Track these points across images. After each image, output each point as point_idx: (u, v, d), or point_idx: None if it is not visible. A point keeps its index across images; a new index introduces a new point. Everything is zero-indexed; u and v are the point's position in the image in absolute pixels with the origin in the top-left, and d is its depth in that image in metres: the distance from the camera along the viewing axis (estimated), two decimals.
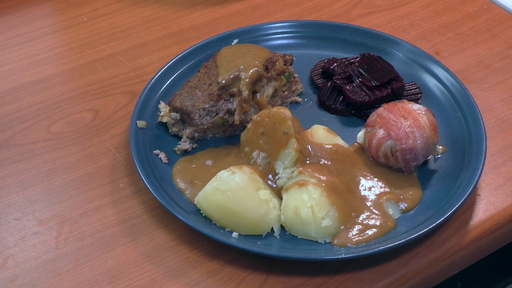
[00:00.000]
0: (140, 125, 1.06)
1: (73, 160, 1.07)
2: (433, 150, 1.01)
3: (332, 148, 1.02)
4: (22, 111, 1.16)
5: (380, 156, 1.02)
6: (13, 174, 1.05)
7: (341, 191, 0.96)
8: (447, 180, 1.01)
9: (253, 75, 1.07)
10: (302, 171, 0.97)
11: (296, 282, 0.90)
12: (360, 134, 1.06)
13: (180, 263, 0.93)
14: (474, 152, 1.02)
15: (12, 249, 0.95)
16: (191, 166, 1.03)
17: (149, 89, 1.12)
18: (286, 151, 0.99)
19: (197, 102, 1.04)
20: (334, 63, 1.18)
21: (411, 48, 1.21)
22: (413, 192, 1.00)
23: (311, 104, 1.17)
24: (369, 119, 1.05)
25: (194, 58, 1.20)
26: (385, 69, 1.14)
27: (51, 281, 0.91)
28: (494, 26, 1.33)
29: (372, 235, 0.94)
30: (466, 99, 1.10)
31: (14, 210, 1.00)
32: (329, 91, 1.15)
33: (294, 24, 1.27)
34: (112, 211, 0.99)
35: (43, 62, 1.27)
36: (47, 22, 1.37)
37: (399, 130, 0.99)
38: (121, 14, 1.37)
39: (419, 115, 1.01)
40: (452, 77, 1.14)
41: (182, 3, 1.40)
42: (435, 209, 0.96)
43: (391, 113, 1.02)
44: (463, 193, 0.96)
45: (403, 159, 1.00)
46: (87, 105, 1.17)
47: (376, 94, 1.11)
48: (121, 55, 1.27)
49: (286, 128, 0.99)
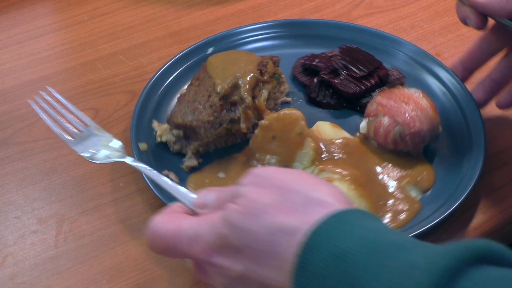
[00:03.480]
0: (142, 148, 1.03)
1: (73, 159, 1.07)
2: (437, 129, 1.04)
3: (342, 142, 1.03)
4: (22, 110, 1.16)
5: (389, 143, 1.03)
6: (13, 172, 1.05)
7: (364, 182, 0.98)
8: (453, 158, 1.04)
9: (252, 80, 1.06)
10: (322, 169, 0.98)
11: None
12: (362, 124, 1.07)
13: (180, 263, 0.92)
14: (474, 137, 1.04)
15: (11, 248, 0.95)
16: (205, 181, 1.01)
17: (139, 111, 1.09)
18: (303, 151, 0.99)
19: (200, 115, 1.02)
20: (316, 58, 1.19)
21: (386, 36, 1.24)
22: (427, 172, 1.02)
23: (301, 102, 1.17)
24: (369, 109, 1.06)
25: (171, 74, 1.18)
26: (367, 58, 1.16)
27: (50, 280, 0.91)
28: None
29: (404, 219, 0.95)
30: (465, 97, 1.11)
31: (13, 209, 1.00)
32: (318, 87, 1.16)
33: (266, 25, 1.26)
34: (112, 210, 0.99)
35: (44, 61, 1.27)
36: (47, 21, 1.37)
37: (404, 115, 1.01)
38: (121, 13, 1.37)
39: (418, 98, 1.04)
40: (452, 76, 1.15)
41: (183, 3, 1.40)
42: (453, 187, 0.98)
43: (391, 100, 1.04)
44: (475, 167, 0.99)
45: (413, 142, 1.02)
46: (87, 104, 1.17)
47: (366, 84, 1.13)
48: (122, 54, 1.27)
49: (299, 128, 0.99)
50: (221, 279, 0.71)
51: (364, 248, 0.59)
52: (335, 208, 0.64)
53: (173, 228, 0.73)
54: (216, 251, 0.69)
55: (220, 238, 0.68)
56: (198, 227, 0.71)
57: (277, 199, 0.66)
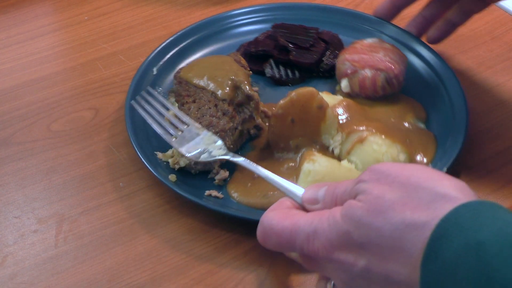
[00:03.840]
0: (172, 179, 0.99)
1: (73, 159, 1.07)
2: (407, 63, 1.14)
3: (344, 105, 1.07)
4: (22, 109, 1.16)
5: (378, 91, 1.11)
6: (13, 172, 1.05)
7: (387, 130, 1.03)
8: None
9: (245, 76, 1.08)
10: (349, 132, 1.02)
11: (296, 282, 0.90)
12: (344, 84, 1.13)
13: (179, 263, 0.93)
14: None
15: (11, 247, 0.95)
16: (247, 186, 1.01)
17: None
18: (327, 123, 1.02)
19: (219, 126, 1.01)
20: (257, 45, 1.22)
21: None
22: (415, 104, 1.12)
23: (268, 86, 1.20)
24: (342, 69, 1.13)
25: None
26: (301, 28, 1.23)
27: (50, 280, 0.91)
28: (495, 28, 1.33)
29: (431, 150, 1.03)
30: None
31: (13, 208, 1.00)
32: (276, 69, 1.20)
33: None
34: (111, 210, 0.99)
35: (44, 61, 1.27)
36: (47, 21, 1.37)
37: (383, 62, 1.10)
38: (122, 13, 1.38)
39: (381, 44, 1.14)
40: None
41: (183, 3, 1.40)
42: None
43: (362, 54, 1.12)
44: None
45: (398, 82, 1.11)
46: (87, 103, 1.17)
47: (318, 50, 1.20)
48: (122, 54, 1.27)
49: (318, 102, 1.01)
50: (340, 275, 0.70)
51: (502, 239, 0.58)
52: (462, 201, 0.64)
53: (290, 225, 0.73)
54: (338, 248, 0.69)
55: (342, 235, 0.68)
56: (317, 224, 0.71)
57: (402, 195, 0.66)
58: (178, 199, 1.00)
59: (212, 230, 0.96)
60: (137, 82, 1.13)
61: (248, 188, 1.01)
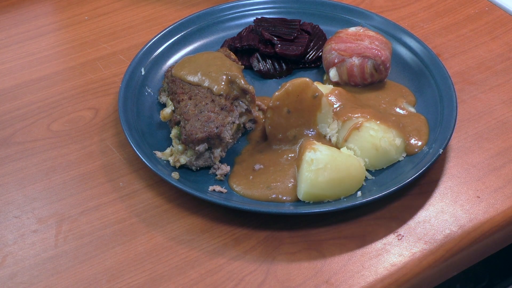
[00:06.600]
0: (175, 177, 1.00)
1: (73, 159, 1.07)
2: (391, 49, 1.17)
3: (336, 93, 1.10)
4: (23, 109, 1.16)
5: (366, 78, 1.14)
6: (13, 172, 1.05)
7: (380, 116, 1.05)
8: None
9: (239, 70, 1.08)
10: (345, 120, 1.04)
11: (295, 282, 0.90)
12: (332, 73, 1.16)
13: (179, 263, 0.93)
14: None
15: (11, 247, 0.95)
16: (249, 179, 1.02)
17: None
18: (323, 111, 1.04)
19: (218, 120, 1.01)
20: (242, 40, 1.23)
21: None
22: (403, 89, 1.16)
23: (256, 80, 1.21)
24: (329, 59, 1.16)
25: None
26: (283, 21, 1.25)
27: (50, 279, 0.91)
28: (495, 28, 1.33)
29: (424, 132, 1.06)
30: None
31: (13, 208, 1.00)
32: (263, 62, 1.22)
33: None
34: (111, 210, 0.99)
35: (44, 60, 1.27)
36: (48, 21, 1.37)
37: (370, 49, 1.13)
38: (122, 13, 1.37)
39: (365, 32, 1.16)
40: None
41: (183, 2, 1.40)
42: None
43: (348, 43, 1.15)
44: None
45: (385, 69, 1.14)
46: (87, 103, 1.17)
47: (303, 41, 1.22)
48: (122, 54, 1.27)
49: (313, 92, 1.03)
50: None
51: None
52: None
53: None
54: None
55: None
56: None
57: None
58: (178, 199, 1.00)
59: (212, 230, 0.96)
60: (126, 84, 1.13)
61: (250, 180, 1.01)
